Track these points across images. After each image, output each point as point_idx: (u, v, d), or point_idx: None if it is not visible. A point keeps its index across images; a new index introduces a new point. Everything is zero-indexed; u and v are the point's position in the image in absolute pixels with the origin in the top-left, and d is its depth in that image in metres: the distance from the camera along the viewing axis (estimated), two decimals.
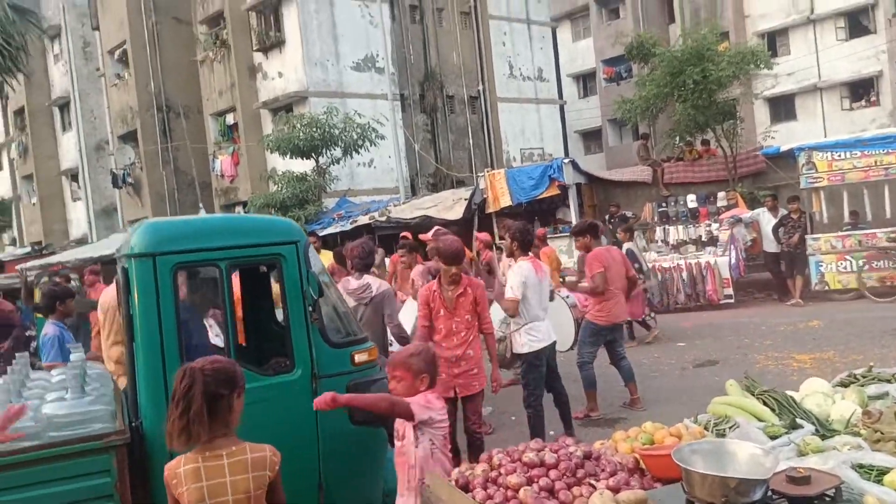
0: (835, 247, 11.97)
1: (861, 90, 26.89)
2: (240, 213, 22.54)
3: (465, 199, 16.52)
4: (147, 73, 25.18)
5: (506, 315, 6.04)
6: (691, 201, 14.82)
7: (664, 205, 15.15)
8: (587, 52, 34.47)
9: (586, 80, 35.88)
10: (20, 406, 2.83)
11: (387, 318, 5.77)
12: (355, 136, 19.00)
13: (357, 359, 4.00)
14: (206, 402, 2.43)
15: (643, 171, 16.43)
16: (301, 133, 18.57)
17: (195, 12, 24.90)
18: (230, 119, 24.26)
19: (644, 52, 16.38)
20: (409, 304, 7.52)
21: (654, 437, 3.17)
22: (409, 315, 6.93)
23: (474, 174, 21.23)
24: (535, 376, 5.75)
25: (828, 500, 2.24)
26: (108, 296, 5.35)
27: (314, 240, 9.26)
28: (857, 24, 26.60)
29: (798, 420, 3.18)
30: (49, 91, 31.21)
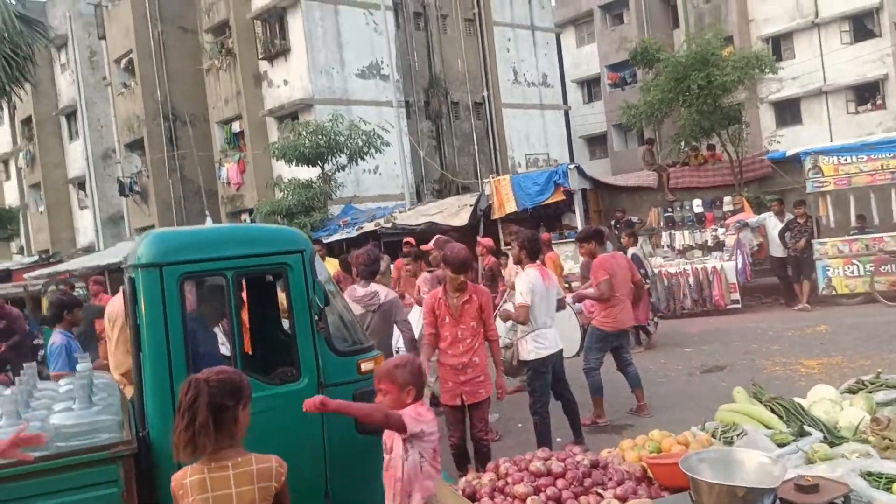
0: (842, 251, 11.93)
1: (867, 94, 26.80)
2: (246, 220, 22.62)
3: (471, 206, 16.52)
4: (153, 81, 25.29)
5: (513, 322, 6.04)
6: (697, 206, 14.80)
7: (670, 210, 15.15)
8: (591, 57, 34.49)
9: (591, 86, 35.89)
10: (38, 434, 2.83)
11: (400, 325, 5.82)
12: (360, 143, 19.04)
13: (363, 367, 4.00)
14: (211, 414, 2.43)
15: (648, 176, 16.40)
16: (307, 140, 18.60)
17: (201, 21, 25.02)
18: (236, 127, 24.35)
19: (648, 57, 16.38)
20: (414, 311, 7.53)
21: (661, 445, 3.16)
22: (414, 323, 6.93)
23: (479, 180, 21.25)
24: (541, 383, 5.76)
25: None
26: (115, 306, 5.33)
27: (319, 248, 9.23)
28: (862, 28, 26.51)
29: (806, 427, 3.17)
30: (56, 100, 31.35)
